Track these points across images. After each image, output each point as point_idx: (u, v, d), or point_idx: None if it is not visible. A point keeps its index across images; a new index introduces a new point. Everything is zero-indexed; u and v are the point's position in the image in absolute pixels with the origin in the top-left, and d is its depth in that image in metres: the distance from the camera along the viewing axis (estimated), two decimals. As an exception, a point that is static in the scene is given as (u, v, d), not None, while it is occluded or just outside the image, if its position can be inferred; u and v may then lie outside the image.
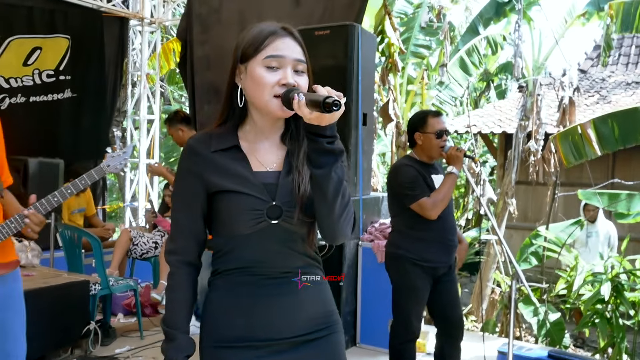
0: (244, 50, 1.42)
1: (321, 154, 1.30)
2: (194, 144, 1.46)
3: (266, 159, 1.44)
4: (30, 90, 5.87)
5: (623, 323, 5.25)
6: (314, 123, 1.27)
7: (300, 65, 1.40)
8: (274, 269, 1.42)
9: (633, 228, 7.46)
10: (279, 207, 1.39)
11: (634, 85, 10.05)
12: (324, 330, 1.48)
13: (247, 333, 1.42)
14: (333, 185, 1.31)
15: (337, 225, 1.37)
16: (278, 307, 1.42)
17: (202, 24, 6.04)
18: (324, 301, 1.51)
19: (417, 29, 6.72)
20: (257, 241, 1.40)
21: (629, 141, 4.97)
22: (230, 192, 1.39)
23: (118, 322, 4.73)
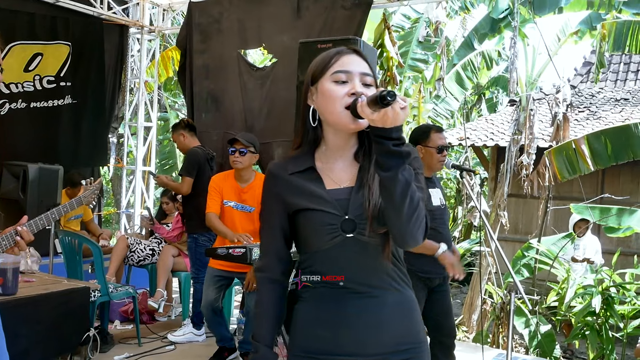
0: (314, 72, 1.50)
1: (387, 156, 1.32)
2: (273, 168, 1.56)
3: (340, 177, 1.50)
4: (31, 96, 5.89)
5: (612, 335, 5.34)
6: (379, 125, 1.30)
7: (367, 78, 1.46)
8: (356, 284, 1.45)
9: (621, 242, 7.59)
10: (352, 220, 1.43)
11: (623, 102, 10.22)
12: (409, 351, 1.49)
13: (333, 346, 1.46)
14: (400, 188, 1.32)
15: (407, 228, 1.37)
16: (363, 322, 1.45)
17: (202, 33, 6.10)
18: (410, 320, 1.52)
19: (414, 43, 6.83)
20: (335, 255, 1.45)
21: (621, 157, 5.09)
22: (306, 210, 1.47)
23: (115, 328, 4.76)
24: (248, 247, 3.21)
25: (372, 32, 5.87)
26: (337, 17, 5.30)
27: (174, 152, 10.58)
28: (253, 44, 6.06)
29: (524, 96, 6.90)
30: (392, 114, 1.28)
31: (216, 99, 6.03)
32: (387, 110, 1.28)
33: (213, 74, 6.03)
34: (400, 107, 1.28)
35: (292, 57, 5.20)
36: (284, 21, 5.61)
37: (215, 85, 6.02)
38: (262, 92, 5.79)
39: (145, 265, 5.38)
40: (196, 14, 6.12)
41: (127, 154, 7.62)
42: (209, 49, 6.05)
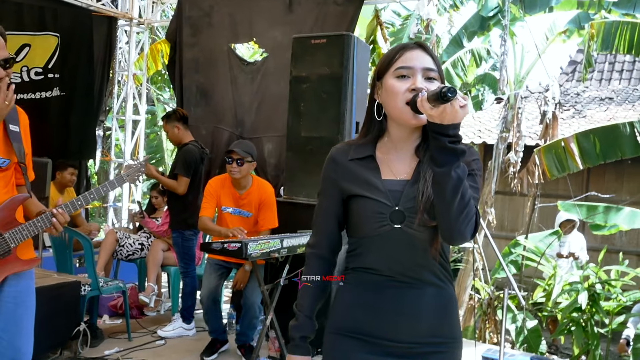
0: (380, 67, 1.54)
1: (442, 152, 1.35)
2: (335, 152, 1.61)
3: (398, 168, 1.53)
4: (19, 88, 5.72)
5: (598, 331, 5.42)
6: (436, 121, 1.34)
7: (431, 73, 1.48)
8: (398, 274, 1.49)
9: (606, 240, 7.70)
10: (401, 212, 1.47)
11: (608, 101, 10.36)
12: (442, 345, 1.52)
13: (367, 328, 1.51)
14: (452, 184, 1.35)
15: (455, 225, 1.39)
16: (400, 311, 1.49)
17: (192, 27, 6.05)
18: (447, 315, 1.54)
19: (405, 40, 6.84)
20: (381, 244, 1.49)
21: (610, 156, 5.17)
22: (359, 196, 1.51)
23: (104, 323, 4.72)
24: (243, 242, 3.20)
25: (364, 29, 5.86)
26: (329, 12, 5.29)
27: (161, 146, 10.50)
28: (244, 38, 6.02)
29: (512, 94, 6.96)
30: (450, 110, 1.31)
31: (206, 93, 5.99)
32: (446, 107, 1.31)
33: (203, 68, 5.98)
34: (460, 105, 1.32)
35: (283, 52, 5.19)
36: (276, 16, 5.58)
37: (205, 79, 5.98)
38: (252, 87, 5.76)
39: (134, 259, 5.35)
40: (186, 7, 6.07)
41: (114, 147, 7.55)
42: (199, 43, 6.00)
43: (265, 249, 3.28)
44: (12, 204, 2.17)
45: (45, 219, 2.17)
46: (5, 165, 2.16)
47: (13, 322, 2.21)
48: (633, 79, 11.61)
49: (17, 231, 2.15)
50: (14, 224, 2.15)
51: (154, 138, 10.58)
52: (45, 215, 2.17)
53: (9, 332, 2.21)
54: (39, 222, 2.17)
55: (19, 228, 2.15)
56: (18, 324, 2.23)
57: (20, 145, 2.22)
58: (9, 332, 2.21)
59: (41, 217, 2.17)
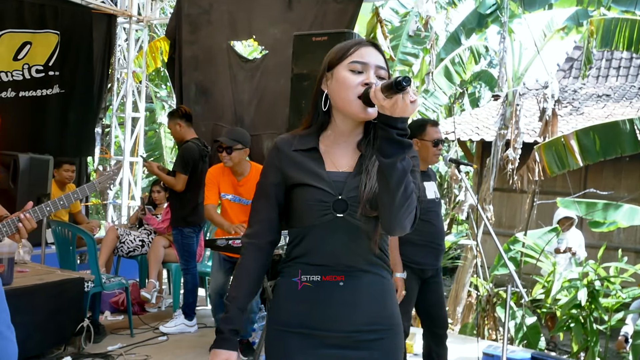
0: (331, 59, 1.56)
1: (390, 143, 1.38)
2: (279, 142, 1.61)
3: (340, 161, 1.56)
4: (20, 85, 5.82)
5: (597, 328, 5.45)
6: (387, 113, 1.36)
7: (382, 71, 1.53)
8: (338, 263, 1.50)
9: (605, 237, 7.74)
10: (344, 201, 1.49)
11: (605, 98, 10.40)
12: (381, 332, 1.55)
13: (307, 321, 1.52)
14: (397, 176, 1.38)
15: (397, 216, 1.43)
16: (339, 301, 1.50)
17: (192, 25, 6.05)
18: (385, 302, 1.57)
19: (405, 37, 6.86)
20: (323, 233, 1.50)
21: (609, 153, 5.20)
22: (303, 185, 1.52)
23: (105, 319, 4.73)
24: (247, 238, 3.23)
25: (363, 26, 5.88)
26: (329, 10, 5.30)
27: (159, 143, 10.51)
28: (243, 35, 6.03)
29: (511, 91, 6.99)
30: (401, 103, 1.34)
31: (205, 91, 5.99)
32: (398, 99, 1.34)
33: (202, 66, 5.99)
34: (411, 99, 1.35)
35: (282, 50, 5.20)
36: (275, 13, 5.59)
37: (205, 77, 5.98)
38: (252, 84, 5.77)
39: (135, 256, 5.36)
40: (185, 4, 6.07)
41: (113, 144, 7.55)
42: (199, 40, 6.00)
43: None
44: None
45: (11, 224, 2.11)
46: None
47: None
48: (630, 75, 11.66)
49: None
50: None
51: (152, 135, 10.57)
52: (11, 220, 2.11)
53: None
54: (4, 227, 2.10)
55: None
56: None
57: None
58: None
59: (7, 222, 2.11)
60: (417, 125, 3.37)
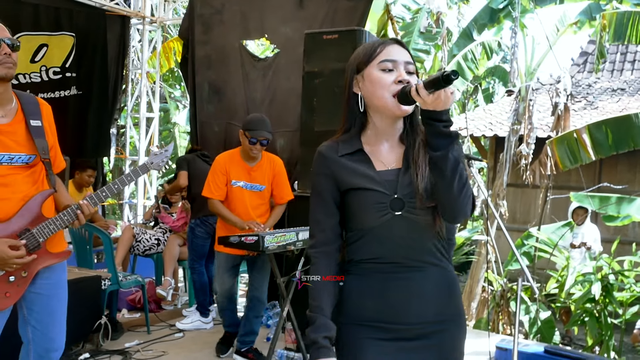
0: (359, 62, 1.58)
1: (438, 136, 1.43)
2: (323, 150, 1.63)
3: (388, 159, 1.58)
4: (39, 87, 5.91)
5: (611, 322, 5.44)
6: (430, 108, 1.41)
7: (410, 66, 1.56)
8: (402, 259, 1.54)
9: (619, 231, 7.69)
10: (400, 199, 1.52)
11: (620, 92, 10.31)
12: (447, 323, 1.59)
13: (376, 315, 1.56)
14: (451, 165, 1.43)
15: (457, 202, 1.48)
16: (407, 294, 1.54)
17: (204, 24, 6.10)
18: (450, 294, 1.61)
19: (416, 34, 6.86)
20: (384, 233, 1.53)
21: (622, 147, 5.17)
22: (358, 189, 1.54)
23: (122, 317, 4.79)
24: (260, 234, 3.26)
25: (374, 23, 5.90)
26: (340, 7, 5.32)
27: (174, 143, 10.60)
28: (255, 34, 6.07)
29: (523, 86, 6.97)
30: (444, 96, 1.39)
31: (218, 90, 6.04)
32: (441, 94, 1.38)
33: (215, 65, 6.04)
34: (450, 91, 1.39)
35: (294, 48, 5.23)
36: (287, 12, 5.62)
37: (218, 76, 6.03)
38: (264, 83, 5.80)
39: (151, 254, 5.43)
40: (198, 4, 6.12)
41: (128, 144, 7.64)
42: (211, 40, 6.05)
43: (282, 242, 3.34)
44: (39, 200, 2.24)
45: (71, 212, 2.23)
46: (31, 161, 2.23)
47: (47, 313, 2.30)
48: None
49: (45, 226, 2.21)
50: (41, 219, 2.22)
51: (167, 135, 10.67)
52: (70, 208, 2.24)
53: (42, 322, 2.29)
54: (65, 215, 2.23)
55: (47, 222, 2.22)
56: (51, 316, 2.31)
57: (43, 140, 2.27)
58: (42, 323, 2.29)
59: (67, 210, 2.24)
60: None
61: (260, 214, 3.87)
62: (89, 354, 3.87)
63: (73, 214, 2.23)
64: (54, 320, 2.32)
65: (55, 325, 2.33)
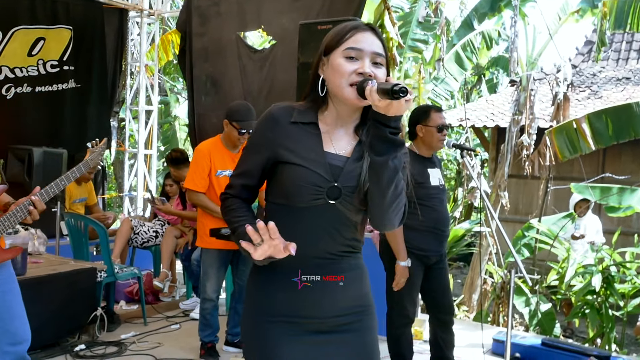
0: (328, 43, 1.52)
1: (383, 142, 1.38)
2: (276, 111, 1.54)
3: (339, 144, 1.53)
4: (36, 80, 5.91)
5: (613, 314, 5.39)
6: (381, 111, 1.35)
7: (378, 58, 1.48)
8: (321, 249, 1.49)
9: (622, 222, 7.63)
10: (339, 189, 1.47)
11: (625, 81, 10.19)
12: (360, 313, 1.58)
13: (289, 309, 1.51)
14: (389, 174, 1.39)
15: (387, 213, 1.44)
16: (321, 287, 1.50)
17: (201, 16, 6.09)
18: (362, 284, 1.59)
19: (414, 24, 6.81)
20: (310, 216, 1.47)
21: (622, 136, 5.11)
22: (297, 165, 1.48)
23: (120, 309, 4.81)
24: (250, 226, 3.22)
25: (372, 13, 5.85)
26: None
27: (174, 137, 10.59)
28: (252, 26, 6.05)
29: (524, 76, 6.90)
30: (397, 104, 1.33)
31: (215, 82, 6.03)
32: (393, 102, 1.33)
33: (212, 57, 6.03)
34: (405, 99, 1.33)
35: (291, 39, 5.19)
36: (283, 3, 5.59)
37: (215, 68, 6.02)
38: (261, 75, 5.78)
39: (149, 247, 5.44)
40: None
41: (128, 137, 7.64)
42: (208, 32, 6.04)
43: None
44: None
45: (23, 208, 2.19)
46: None
47: (4, 309, 2.28)
48: (651, 58, 11.41)
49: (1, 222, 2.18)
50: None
51: (168, 128, 10.66)
52: (23, 205, 2.19)
53: (2, 319, 2.27)
54: (18, 212, 2.19)
55: (1, 219, 2.18)
56: (9, 311, 2.29)
57: None
58: (2, 320, 2.27)
59: (19, 207, 2.19)
60: (420, 111, 3.36)
61: None
62: (85, 345, 3.88)
63: (25, 210, 2.19)
64: (13, 314, 2.30)
65: (15, 319, 2.30)
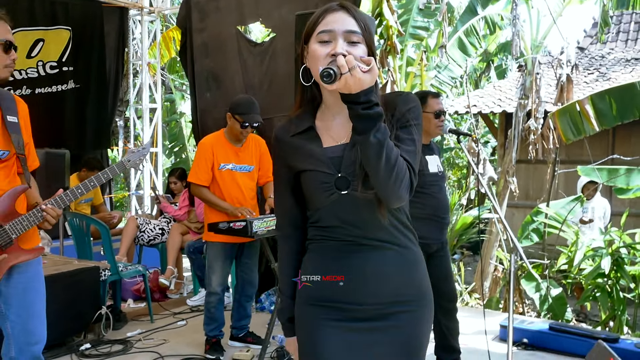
0: (306, 31, 1.50)
1: (359, 119, 1.33)
2: (277, 132, 1.60)
3: (338, 133, 1.52)
4: (35, 82, 5.95)
5: (624, 296, 5.33)
6: (344, 91, 1.31)
7: (354, 36, 1.43)
8: (357, 237, 1.49)
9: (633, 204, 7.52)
10: (345, 178, 1.47)
11: (634, 62, 10.04)
12: (409, 303, 1.54)
13: (331, 294, 1.52)
14: (374, 149, 1.34)
15: (387, 188, 1.39)
16: (364, 273, 1.50)
17: (201, 12, 6.06)
18: (411, 273, 1.56)
19: (415, 11, 6.73)
20: (334, 211, 1.50)
21: (627, 116, 5.01)
22: (305, 171, 1.52)
23: (128, 307, 4.84)
24: (248, 220, 3.23)
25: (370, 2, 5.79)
26: (334, -12, 5.24)
27: (181, 134, 10.60)
28: (251, 19, 6.01)
29: (530, 60, 6.81)
30: (352, 80, 1.28)
31: (217, 77, 6.01)
32: (347, 78, 1.28)
33: (213, 52, 6.00)
34: (363, 70, 1.29)
35: (290, 31, 5.13)
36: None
37: (215, 64, 5.99)
38: (262, 68, 5.75)
39: (156, 244, 5.46)
40: (194, -8, 6.08)
41: (134, 136, 7.66)
42: (208, 27, 6.01)
43: (271, 227, 3.31)
44: (12, 195, 2.22)
45: (37, 212, 2.21)
46: (5, 156, 2.22)
47: (24, 307, 2.29)
48: (661, 38, 11.22)
49: (17, 222, 2.20)
50: (14, 215, 2.20)
51: (174, 126, 10.67)
52: (36, 209, 2.21)
53: (21, 316, 2.29)
54: (31, 216, 2.21)
55: (20, 219, 2.20)
56: (29, 309, 2.31)
57: (19, 136, 2.26)
58: (21, 317, 2.29)
59: (33, 211, 2.21)
60: (418, 97, 3.31)
61: (252, 196, 3.82)
62: (90, 344, 3.90)
63: (39, 215, 2.21)
64: (32, 313, 2.32)
65: (34, 318, 2.32)
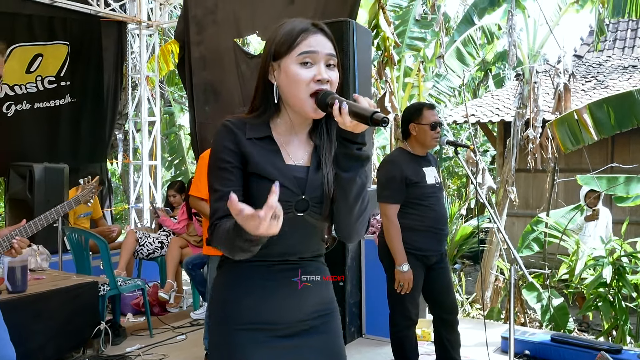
0: (277, 47, 1.44)
1: (350, 159, 1.37)
2: (231, 124, 1.45)
3: (296, 154, 1.49)
4: (35, 97, 5.98)
5: (626, 305, 5.29)
6: (349, 130, 1.32)
7: (331, 59, 1.43)
8: (287, 258, 1.49)
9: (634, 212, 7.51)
10: (306, 201, 1.44)
11: (631, 69, 10.07)
12: (325, 316, 1.57)
13: (255, 315, 1.48)
14: (356, 190, 1.38)
15: (354, 226, 1.45)
16: (285, 294, 1.49)
17: (198, 25, 6.10)
18: (326, 287, 1.58)
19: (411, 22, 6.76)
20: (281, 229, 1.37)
21: (625, 125, 5.02)
22: (266, 178, 1.41)
23: (127, 321, 4.81)
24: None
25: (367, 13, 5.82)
26: (330, 0, 5.27)
27: (180, 147, 10.60)
28: (247, 32, 6.05)
29: (527, 69, 6.83)
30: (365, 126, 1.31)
31: (215, 90, 6.04)
32: None
33: (210, 65, 6.03)
34: None
35: (287, 43, 5.19)
36: (278, 8, 5.58)
37: (213, 76, 6.02)
38: (259, 81, 5.78)
39: (155, 258, 5.45)
40: (192, 6, 6.11)
41: (134, 150, 7.67)
42: (205, 40, 6.04)
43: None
44: None
45: (6, 240, 2.22)
46: None
47: None
48: (658, 45, 11.26)
49: None
50: None
51: (173, 138, 10.69)
52: (7, 236, 2.23)
53: None
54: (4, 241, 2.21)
55: None
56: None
57: None
58: None
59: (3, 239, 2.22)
60: (413, 110, 3.32)
61: None
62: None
63: (8, 243, 2.23)
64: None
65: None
